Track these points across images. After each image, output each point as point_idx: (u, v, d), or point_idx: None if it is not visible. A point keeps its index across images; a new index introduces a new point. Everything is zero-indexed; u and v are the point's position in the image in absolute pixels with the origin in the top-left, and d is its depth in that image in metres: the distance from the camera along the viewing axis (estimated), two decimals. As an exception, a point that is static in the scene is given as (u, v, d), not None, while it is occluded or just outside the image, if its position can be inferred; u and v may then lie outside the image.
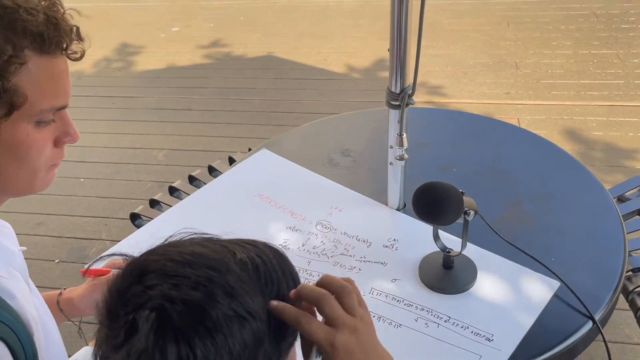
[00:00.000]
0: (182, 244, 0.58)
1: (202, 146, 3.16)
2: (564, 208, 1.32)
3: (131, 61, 4.24)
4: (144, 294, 0.52)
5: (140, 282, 0.53)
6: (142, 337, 0.50)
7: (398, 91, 1.17)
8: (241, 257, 0.57)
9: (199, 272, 0.53)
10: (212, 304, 0.52)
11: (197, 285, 0.52)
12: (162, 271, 0.53)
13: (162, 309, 0.51)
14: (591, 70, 3.47)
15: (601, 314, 1.08)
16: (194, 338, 0.50)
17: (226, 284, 0.53)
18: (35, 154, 0.72)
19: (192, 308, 0.51)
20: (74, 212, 2.75)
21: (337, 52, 4.06)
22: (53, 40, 0.68)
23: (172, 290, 0.52)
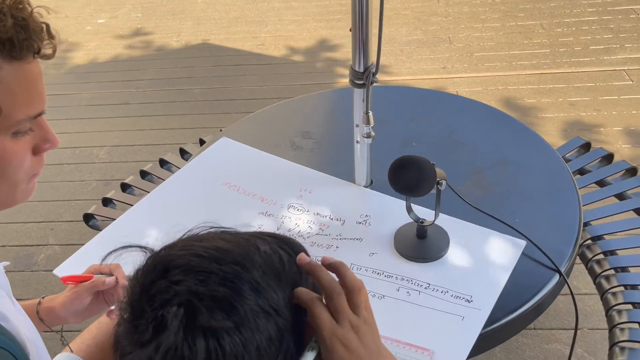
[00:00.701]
0: (205, 238, 0.58)
1: (146, 140, 3.07)
2: (521, 172, 1.40)
3: (57, 57, 4.01)
4: (170, 290, 0.52)
5: (165, 277, 0.53)
6: (171, 334, 0.50)
7: (362, 70, 1.19)
8: (265, 249, 0.57)
9: (226, 267, 0.53)
10: (240, 300, 0.52)
11: (224, 281, 0.52)
12: (187, 266, 0.53)
13: (190, 305, 0.51)
14: (519, 41, 3.64)
15: (566, 267, 1.16)
16: (222, 333, 0.50)
17: (252, 279, 0.54)
18: (15, 166, 0.68)
19: (220, 303, 0.51)
20: (16, 219, 2.61)
21: (274, 36, 4.03)
22: (24, 44, 0.63)
23: (199, 285, 0.51)
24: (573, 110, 2.97)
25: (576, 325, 1.18)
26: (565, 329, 1.96)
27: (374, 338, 0.60)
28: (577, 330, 1.22)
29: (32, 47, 0.64)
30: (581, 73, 3.26)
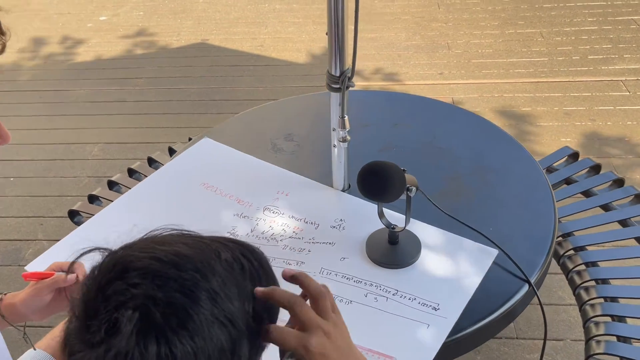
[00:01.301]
0: (166, 242, 0.57)
1: (140, 138, 3.08)
2: (499, 180, 1.39)
3: (57, 53, 4.05)
4: (126, 292, 0.51)
5: (122, 278, 0.52)
6: (124, 338, 0.49)
7: (338, 74, 1.18)
8: (226, 257, 0.57)
9: (185, 274, 0.53)
10: (196, 308, 0.52)
11: (182, 288, 0.52)
12: (146, 270, 0.53)
13: (145, 309, 0.50)
14: (518, 48, 3.63)
15: (536, 277, 1.15)
16: (174, 340, 0.50)
17: (211, 288, 0.53)
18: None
19: (175, 310, 0.51)
20: (5, 213, 2.62)
21: (273, 37, 4.03)
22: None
23: (157, 290, 0.51)
24: (568, 119, 2.96)
25: (545, 335, 1.18)
26: (549, 339, 1.95)
27: (344, 338, 0.64)
28: (546, 341, 1.22)
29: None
30: (578, 82, 3.25)
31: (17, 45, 4.15)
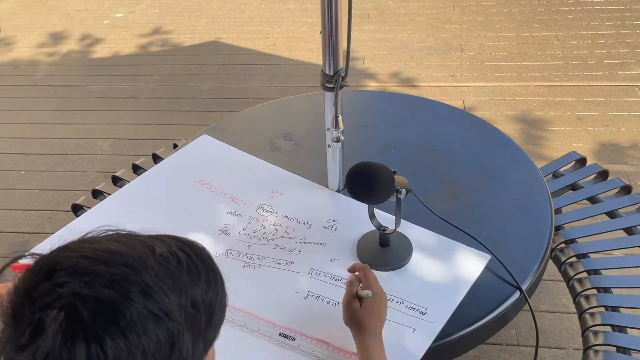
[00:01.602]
0: (96, 241, 0.57)
1: (149, 135, 3.11)
2: (496, 184, 1.37)
3: (73, 49, 4.10)
4: (52, 292, 0.50)
5: (49, 279, 0.51)
6: (48, 338, 0.48)
7: (332, 73, 1.18)
8: (162, 251, 0.56)
9: (114, 270, 0.52)
10: (127, 303, 0.51)
11: (112, 284, 0.51)
12: (73, 268, 0.52)
13: (72, 308, 0.49)
14: (532, 52, 3.58)
15: (528, 284, 1.13)
16: (105, 338, 0.49)
17: (142, 282, 0.53)
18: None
19: (105, 307, 0.50)
20: (15, 206, 2.66)
21: (286, 36, 4.04)
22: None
23: (84, 288, 0.50)
24: (581, 124, 2.91)
25: (537, 342, 1.16)
26: (550, 347, 1.92)
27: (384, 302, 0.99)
28: (538, 348, 1.19)
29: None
30: (592, 87, 3.19)
31: (36, 41, 4.21)
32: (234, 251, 1.22)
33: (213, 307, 0.59)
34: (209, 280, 0.59)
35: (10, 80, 3.74)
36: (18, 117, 3.30)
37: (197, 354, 0.57)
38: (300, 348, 1.01)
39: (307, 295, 1.11)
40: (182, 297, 0.55)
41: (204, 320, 0.57)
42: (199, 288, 0.57)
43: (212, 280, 0.60)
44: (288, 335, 1.03)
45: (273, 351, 1.01)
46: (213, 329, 0.60)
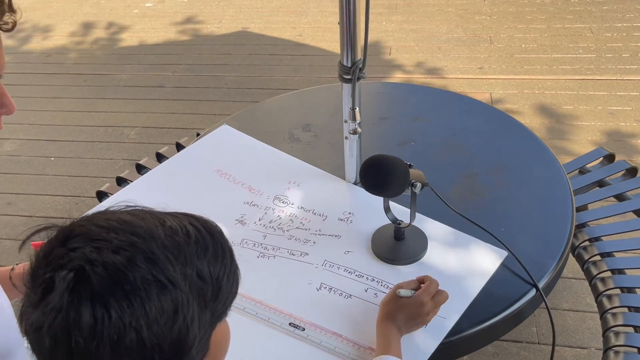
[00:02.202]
0: (111, 212, 0.59)
1: (175, 124, 3.14)
2: (517, 180, 1.34)
3: (103, 38, 4.17)
4: (65, 256, 0.53)
5: (64, 245, 0.54)
6: (57, 296, 0.52)
7: (349, 65, 1.17)
8: (171, 224, 0.58)
9: (122, 237, 0.55)
10: (132, 268, 0.53)
11: (119, 250, 0.54)
12: (86, 235, 0.55)
13: (81, 270, 0.52)
14: (564, 44, 3.49)
15: (545, 282, 1.11)
16: (109, 300, 0.51)
17: (148, 249, 0.54)
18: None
19: (111, 271, 0.52)
20: (44, 191, 2.73)
21: (313, 27, 4.02)
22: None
23: (94, 253, 0.53)
24: (612, 119, 2.83)
25: (553, 341, 1.13)
26: (572, 346, 1.88)
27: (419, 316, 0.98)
28: (560, 347, 1.17)
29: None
30: (626, 81, 3.09)
31: (67, 30, 4.29)
32: (249, 241, 1.23)
33: (220, 280, 0.60)
34: (216, 254, 0.60)
35: (42, 69, 3.82)
36: (49, 105, 3.37)
37: (203, 323, 0.58)
38: (310, 338, 1.01)
39: (320, 287, 1.11)
40: (188, 267, 0.56)
41: (211, 291, 0.59)
42: (206, 260, 0.59)
43: (220, 255, 0.61)
44: (298, 325, 1.04)
45: (282, 340, 1.02)
46: (221, 302, 0.61)
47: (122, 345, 0.52)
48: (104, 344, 0.51)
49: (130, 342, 0.52)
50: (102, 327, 0.51)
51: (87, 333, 0.51)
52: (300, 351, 1.00)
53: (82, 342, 0.51)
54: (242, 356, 1.00)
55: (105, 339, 0.51)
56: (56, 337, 0.52)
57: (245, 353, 1.00)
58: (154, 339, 0.53)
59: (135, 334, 0.52)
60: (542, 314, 1.96)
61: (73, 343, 0.51)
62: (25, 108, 3.29)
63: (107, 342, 0.51)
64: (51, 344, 0.53)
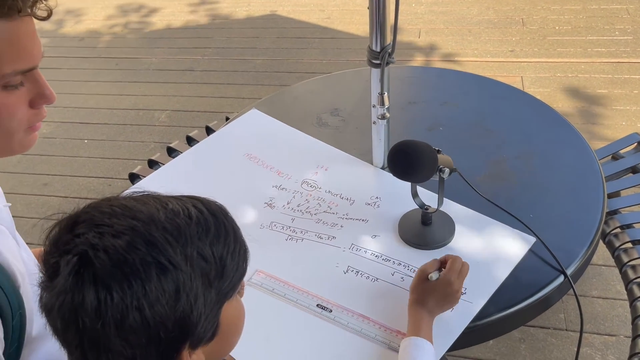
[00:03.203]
0: (115, 199, 0.62)
1: (204, 107, 3.18)
2: (547, 166, 1.33)
3: (134, 21, 4.22)
4: (71, 242, 0.56)
5: (70, 232, 0.57)
6: (62, 279, 0.55)
7: (378, 50, 1.17)
8: (173, 207, 0.60)
9: (123, 222, 0.57)
10: (131, 251, 0.55)
11: (119, 234, 0.56)
12: (90, 221, 0.57)
13: (85, 255, 0.55)
14: (599, 26, 3.39)
15: (574, 269, 1.10)
16: (111, 282, 0.54)
17: (147, 232, 0.57)
18: (6, 117, 0.72)
19: (112, 254, 0.55)
20: (78, 173, 2.80)
21: (341, 9, 3.99)
22: (6, 3, 0.66)
23: (96, 238, 0.56)
24: (648, 104, 2.75)
25: (581, 328, 1.13)
26: (600, 334, 1.87)
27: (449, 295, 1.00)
28: (588, 334, 1.16)
29: (15, 5, 0.67)
30: (664, 64, 3.00)
31: (100, 14, 4.36)
32: (278, 224, 1.25)
33: (224, 259, 0.61)
34: (219, 234, 0.62)
35: (76, 52, 3.90)
36: (82, 88, 3.45)
37: (209, 302, 0.60)
38: (337, 320, 1.03)
39: (347, 270, 1.13)
40: (188, 248, 0.58)
41: (214, 271, 0.60)
42: (208, 240, 0.60)
43: (223, 234, 0.62)
44: (325, 307, 1.06)
45: (310, 321, 1.04)
46: (227, 281, 0.62)
47: (126, 325, 0.54)
48: (109, 324, 0.54)
49: (134, 321, 0.54)
50: (106, 308, 0.54)
51: (92, 314, 0.54)
52: (327, 332, 1.02)
53: (89, 322, 0.54)
54: (270, 336, 1.03)
55: (109, 319, 0.54)
56: (65, 318, 0.55)
57: (273, 333, 1.03)
58: (157, 318, 0.55)
59: (138, 313, 0.54)
60: (570, 300, 1.95)
61: (80, 324, 0.55)
62: (59, 91, 3.33)
63: (112, 321, 0.54)
64: (62, 325, 0.56)
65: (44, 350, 0.83)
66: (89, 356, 0.56)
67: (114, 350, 0.55)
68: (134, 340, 0.55)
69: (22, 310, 0.76)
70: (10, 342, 0.73)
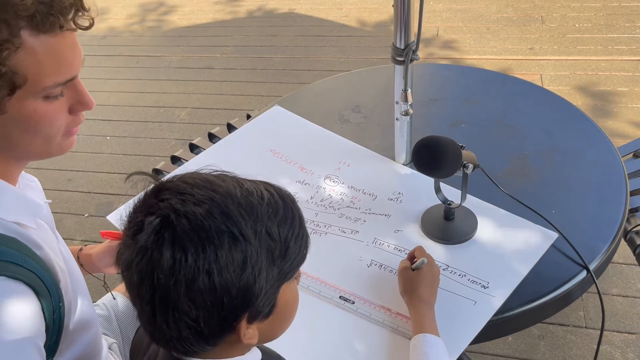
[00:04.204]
0: (198, 173, 0.67)
1: (224, 105, 3.22)
2: (569, 162, 1.34)
3: (154, 20, 4.28)
4: (155, 205, 0.62)
5: (156, 197, 0.63)
6: (144, 235, 0.60)
7: (402, 47, 1.18)
8: (248, 187, 0.65)
9: (204, 192, 0.62)
10: (209, 219, 0.60)
11: (200, 202, 0.61)
12: (175, 189, 0.63)
13: (167, 217, 0.60)
14: (620, 23, 3.36)
15: (596, 264, 1.11)
16: (187, 244, 0.59)
17: (224, 204, 0.61)
18: (46, 125, 0.74)
19: (191, 219, 0.60)
20: (101, 169, 2.86)
21: (359, 7, 4.01)
22: (48, 19, 0.67)
23: (179, 204, 0.61)
24: (670, 102, 2.73)
25: (602, 325, 1.13)
26: (620, 331, 1.87)
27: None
28: (608, 331, 1.17)
29: (55, 22, 0.68)
30: (686, 62, 2.97)
31: (122, 12, 4.42)
32: (302, 218, 1.27)
33: (288, 241, 0.66)
34: (286, 217, 0.66)
35: (98, 51, 3.96)
36: (105, 86, 3.50)
37: (270, 278, 0.64)
38: (359, 311, 1.06)
39: (370, 264, 1.15)
40: (259, 224, 0.63)
41: (279, 250, 0.65)
42: (276, 221, 0.65)
43: (290, 218, 0.67)
44: (348, 299, 1.08)
45: (333, 312, 1.06)
46: (289, 262, 0.66)
47: (195, 286, 0.59)
48: (181, 282, 0.58)
49: (203, 283, 0.59)
50: (180, 267, 0.58)
51: (167, 271, 0.58)
52: (350, 323, 1.04)
53: (163, 278, 0.59)
54: (294, 325, 1.05)
55: (181, 277, 0.58)
56: (142, 273, 0.60)
57: (297, 323, 1.05)
58: (223, 283, 0.60)
59: (208, 277, 0.59)
60: (590, 298, 1.95)
61: (155, 279, 0.59)
62: (82, 89, 3.43)
63: (183, 281, 0.58)
64: (138, 279, 0.61)
65: (80, 342, 0.85)
66: (158, 313, 0.61)
67: (180, 310, 0.60)
68: (200, 302, 0.59)
69: (62, 304, 0.78)
70: (50, 335, 0.75)
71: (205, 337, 0.63)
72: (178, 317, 0.60)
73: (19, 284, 0.69)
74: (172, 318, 0.60)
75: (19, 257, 0.71)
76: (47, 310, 0.74)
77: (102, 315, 1.09)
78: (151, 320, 0.62)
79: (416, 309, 0.99)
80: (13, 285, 0.69)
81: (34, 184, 0.89)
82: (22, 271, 0.70)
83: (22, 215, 0.76)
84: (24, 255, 0.72)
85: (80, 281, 0.90)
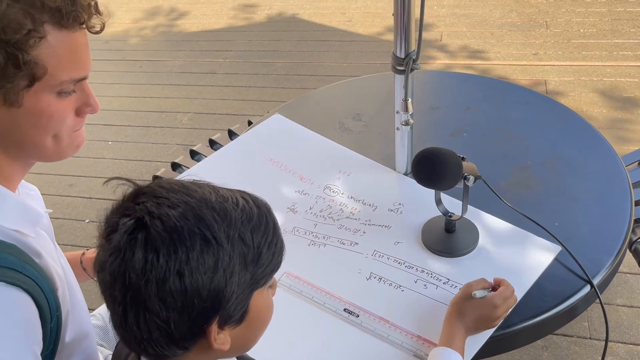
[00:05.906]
0: (175, 180, 0.68)
1: (226, 110, 3.21)
2: (572, 173, 1.31)
3: (157, 25, 4.27)
4: (131, 208, 0.63)
5: (133, 200, 0.64)
6: (118, 235, 0.61)
7: (403, 56, 1.17)
8: (224, 193, 0.67)
9: (179, 196, 0.64)
10: (182, 221, 0.61)
11: (174, 206, 0.63)
12: (151, 193, 0.64)
13: (141, 219, 0.61)
14: (626, 29, 3.34)
15: (601, 278, 1.09)
16: (159, 245, 0.60)
17: (198, 208, 0.63)
18: (57, 122, 0.76)
19: (164, 221, 0.61)
20: (102, 174, 2.85)
21: (362, 12, 3.99)
22: (71, 15, 0.71)
23: (154, 207, 0.62)
24: (676, 108, 2.70)
25: (606, 338, 1.11)
26: (625, 342, 1.84)
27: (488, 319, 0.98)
28: (613, 343, 1.14)
29: (78, 18, 0.72)
30: (693, 68, 2.94)
31: (126, 17, 4.42)
32: (300, 229, 1.25)
33: (261, 247, 0.67)
34: (260, 224, 0.67)
35: (101, 55, 3.96)
36: (107, 90, 3.50)
37: (242, 282, 0.65)
38: (364, 325, 1.04)
39: (370, 277, 1.13)
40: (231, 229, 0.64)
41: (251, 255, 0.66)
42: (250, 227, 0.66)
43: (264, 225, 0.68)
44: (352, 312, 1.06)
45: (336, 325, 1.04)
46: (261, 268, 0.67)
47: (166, 286, 0.60)
48: (152, 283, 0.60)
49: (174, 284, 0.60)
50: (151, 268, 0.60)
51: (139, 271, 0.60)
52: (354, 336, 1.03)
53: (135, 278, 0.60)
54: (295, 337, 1.03)
55: (152, 278, 0.60)
56: (115, 273, 0.61)
57: (298, 334, 1.04)
58: (194, 285, 0.61)
59: (179, 278, 0.60)
60: (594, 308, 1.92)
61: (127, 279, 0.60)
62: (84, 94, 3.43)
63: (154, 281, 0.60)
64: (111, 279, 0.62)
65: (78, 353, 0.85)
66: (130, 314, 0.62)
67: (151, 310, 0.61)
68: (171, 302, 0.60)
69: (59, 312, 0.78)
70: (47, 344, 0.75)
71: (176, 340, 0.63)
72: (149, 318, 0.61)
73: (18, 290, 0.70)
74: (143, 319, 0.61)
75: (18, 264, 0.71)
76: (45, 318, 0.74)
77: (98, 326, 1.08)
78: (123, 321, 0.63)
79: (453, 324, 0.96)
80: (11, 291, 0.69)
81: (33, 192, 0.91)
82: (20, 277, 0.71)
83: (22, 223, 0.77)
84: (23, 262, 0.72)
85: (78, 292, 0.90)
